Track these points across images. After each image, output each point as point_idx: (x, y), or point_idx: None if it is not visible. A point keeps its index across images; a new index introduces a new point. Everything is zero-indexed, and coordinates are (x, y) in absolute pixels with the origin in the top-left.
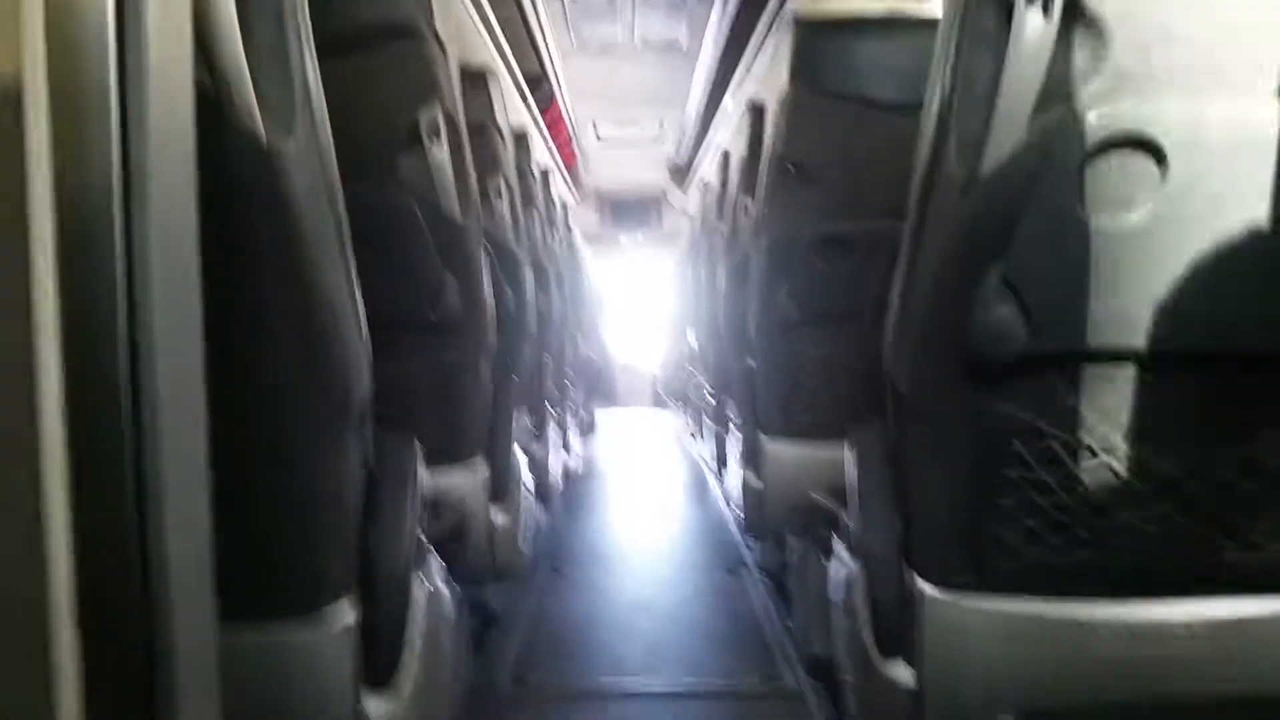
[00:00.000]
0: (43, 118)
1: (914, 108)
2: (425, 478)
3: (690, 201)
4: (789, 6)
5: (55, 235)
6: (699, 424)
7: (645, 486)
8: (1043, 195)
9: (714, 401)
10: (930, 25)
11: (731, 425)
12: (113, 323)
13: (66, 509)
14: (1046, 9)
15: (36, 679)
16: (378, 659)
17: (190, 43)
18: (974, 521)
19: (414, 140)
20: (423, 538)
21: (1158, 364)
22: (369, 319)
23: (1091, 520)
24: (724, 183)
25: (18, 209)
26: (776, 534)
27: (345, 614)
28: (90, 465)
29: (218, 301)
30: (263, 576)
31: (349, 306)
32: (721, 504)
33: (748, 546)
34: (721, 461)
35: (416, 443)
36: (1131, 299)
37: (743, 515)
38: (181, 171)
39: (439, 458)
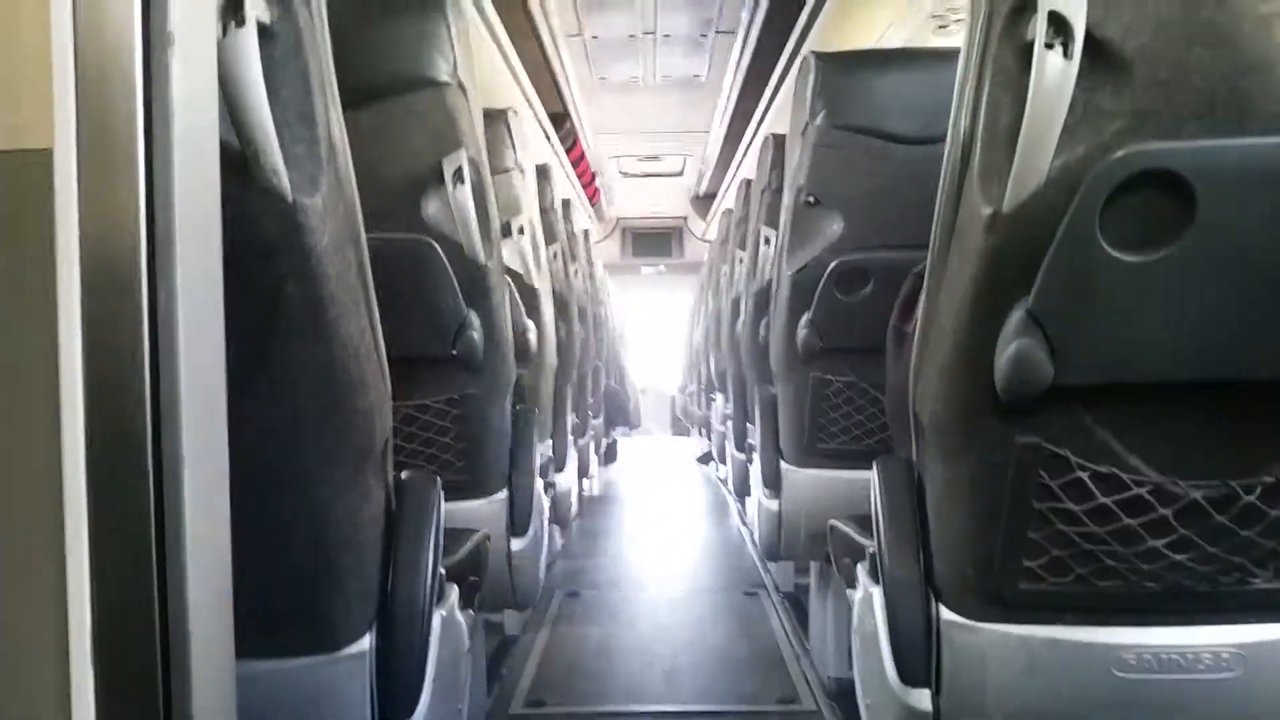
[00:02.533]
0: (71, 182)
1: (934, 140)
2: (445, 513)
3: (711, 231)
4: (808, 41)
5: (82, 292)
6: (720, 449)
7: (665, 510)
8: (1068, 231)
9: (735, 428)
10: (949, 57)
11: (752, 451)
12: (138, 372)
13: (88, 546)
14: (1066, 50)
15: (54, 713)
16: (396, 694)
17: (216, 106)
18: (1000, 551)
19: (438, 184)
20: (442, 571)
21: (1185, 394)
22: (393, 357)
23: (1119, 549)
24: (745, 212)
25: (47, 269)
26: (796, 558)
27: (365, 651)
28: (113, 506)
29: (241, 352)
30: (284, 615)
31: (371, 352)
32: (740, 528)
33: (766, 570)
34: (742, 487)
35: (438, 480)
36: (1160, 332)
37: (762, 539)
38: (206, 230)
39: (461, 491)
